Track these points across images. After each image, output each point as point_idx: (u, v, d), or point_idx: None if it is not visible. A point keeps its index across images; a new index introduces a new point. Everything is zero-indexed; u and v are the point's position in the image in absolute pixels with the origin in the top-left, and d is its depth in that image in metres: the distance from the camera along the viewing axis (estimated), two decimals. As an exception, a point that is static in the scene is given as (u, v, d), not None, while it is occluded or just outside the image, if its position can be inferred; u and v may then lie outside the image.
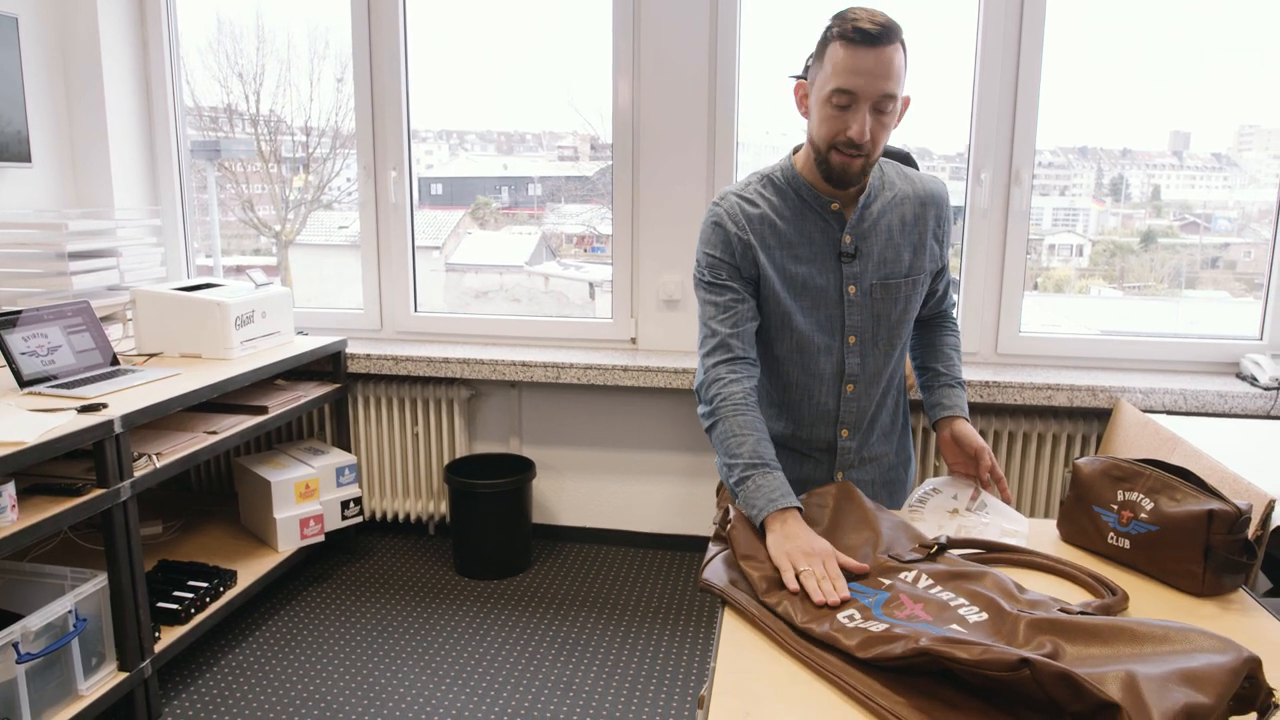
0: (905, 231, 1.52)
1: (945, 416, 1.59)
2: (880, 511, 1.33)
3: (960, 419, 1.57)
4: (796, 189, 1.50)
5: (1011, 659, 0.82)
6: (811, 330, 1.51)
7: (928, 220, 1.54)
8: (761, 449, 1.37)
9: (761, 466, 1.34)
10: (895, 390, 1.64)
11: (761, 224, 1.49)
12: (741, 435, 1.39)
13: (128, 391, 2.33)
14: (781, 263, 1.49)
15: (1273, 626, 1.13)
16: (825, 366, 1.53)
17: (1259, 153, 2.95)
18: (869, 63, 1.31)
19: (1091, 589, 1.19)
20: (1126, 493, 1.30)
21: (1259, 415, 2.67)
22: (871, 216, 1.50)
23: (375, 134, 3.27)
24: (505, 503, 3.09)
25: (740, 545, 1.23)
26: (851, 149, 1.37)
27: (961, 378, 1.66)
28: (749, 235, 1.48)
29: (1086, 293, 3.21)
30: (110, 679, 2.15)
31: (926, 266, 1.55)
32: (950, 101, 2.95)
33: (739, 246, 1.49)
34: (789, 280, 1.49)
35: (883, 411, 1.61)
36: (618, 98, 3.11)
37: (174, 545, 2.94)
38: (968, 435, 1.54)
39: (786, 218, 1.49)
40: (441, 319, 3.40)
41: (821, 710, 0.92)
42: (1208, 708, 0.81)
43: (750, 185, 1.53)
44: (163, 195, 3.44)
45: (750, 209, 1.50)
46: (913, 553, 1.23)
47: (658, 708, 2.38)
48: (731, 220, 1.49)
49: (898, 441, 1.68)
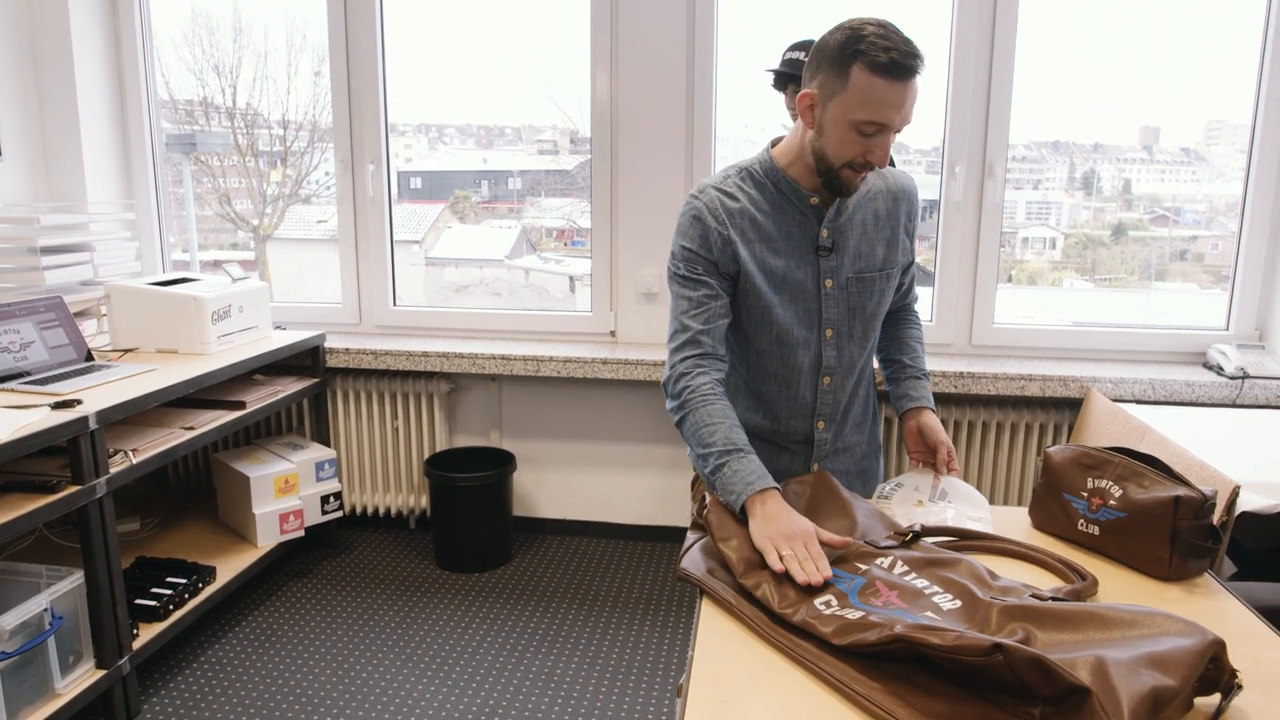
0: (879, 226, 1.54)
1: (912, 408, 1.64)
2: (856, 500, 1.35)
3: (927, 410, 1.63)
4: (776, 183, 1.50)
5: (985, 645, 0.84)
6: (791, 323, 1.52)
7: (899, 215, 1.56)
8: (734, 435, 1.37)
9: (735, 452, 1.34)
10: (866, 382, 1.67)
11: (742, 218, 1.49)
12: (713, 424, 1.39)
13: (103, 387, 2.31)
14: (761, 256, 1.50)
15: (1236, 609, 1.17)
16: (804, 359, 1.54)
17: (1226, 147, 3.01)
18: (903, 95, 1.31)
19: (1062, 574, 1.22)
20: (1096, 480, 1.33)
21: (1225, 404, 2.73)
22: (847, 211, 1.51)
23: (353, 127, 3.25)
24: (486, 496, 3.09)
25: (717, 529, 1.24)
26: (865, 168, 1.40)
27: (926, 369, 1.70)
28: (729, 230, 1.48)
29: (1059, 285, 3.26)
30: (88, 677, 2.14)
31: (899, 260, 1.58)
32: (925, 96, 2.97)
33: (719, 241, 1.48)
34: (768, 274, 1.50)
35: (855, 402, 1.64)
36: (596, 91, 3.11)
37: (152, 542, 2.91)
38: (932, 428, 1.59)
39: (766, 212, 1.50)
40: (421, 313, 3.39)
41: (798, 697, 0.94)
42: (1174, 690, 0.84)
43: (729, 179, 1.53)
44: (137, 189, 3.40)
45: (730, 203, 1.49)
46: (888, 540, 1.25)
47: (639, 697, 2.40)
48: (711, 215, 1.48)
49: (869, 431, 1.70)
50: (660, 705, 2.37)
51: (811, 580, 1.10)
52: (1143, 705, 0.81)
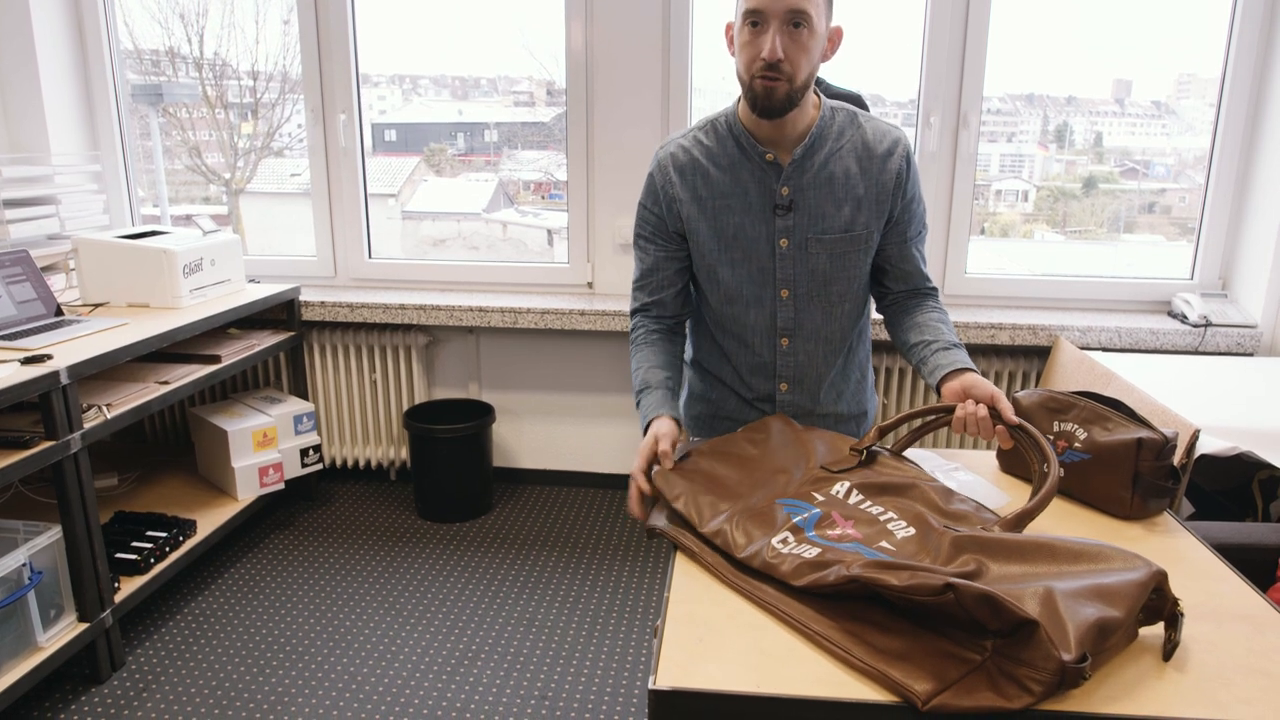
0: (849, 184, 1.44)
1: (951, 371, 1.38)
2: (815, 432, 1.36)
3: (969, 371, 1.37)
4: (736, 136, 1.45)
5: (937, 584, 0.88)
6: (740, 282, 1.48)
7: (878, 174, 1.44)
8: (648, 376, 1.49)
9: (644, 390, 1.47)
10: (847, 351, 1.57)
11: (694, 174, 1.46)
12: (635, 370, 1.53)
13: (73, 342, 2.29)
14: (713, 213, 1.46)
15: (1193, 546, 1.22)
16: (757, 319, 1.51)
17: (1196, 100, 3.03)
18: None
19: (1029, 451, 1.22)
20: (1062, 423, 1.37)
21: (1188, 351, 2.79)
22: (812, 167, 1.43)
23: (323, 75, 3.19)
24: (465, 447, 3.12)
25: (665, 489, 1.26)
26: (770, 71, 1.32)
27: (957, 341, 1.46)
28: (675, 188, 1.47)
29: (1031, 237, 3.29)
30: (70, 630, 2.16)
31: (872, 225, 1.46)
32: (902, 48, 2.97)
33: (664, 200, 1.49)
34: (719, 231, 1.47)
35: (830, 370, 1.55)
36: (571, 41, 3.07)
37: (131, 497, 2.92)
38: (979, 383, 1.32)
39: (723, 166, 1.46)
40: (397, 265, 3.38)
41: (767, 635, 0.98)
42: (1118, 620, 0.88)
43: (692, 132, 1.50)
44: (102, 141, 3.33)
45: (683, 158, 1.48)
46: (844, 462, 1.26)
47: (618, 639, 2.47)
48: (661, 171, 1.49)
49: (853, 404, 1.61)
50: (640, 646, 2.44)
51: (633, 500, 1.30)
52: (1088, 635, 0.85)
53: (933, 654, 0.89)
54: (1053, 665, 0.82)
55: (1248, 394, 2.28)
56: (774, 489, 1.23)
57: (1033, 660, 0.83)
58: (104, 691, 2.22)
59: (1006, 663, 0.85)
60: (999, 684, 0.85)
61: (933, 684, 0.85)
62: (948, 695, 0.84)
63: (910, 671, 0.87)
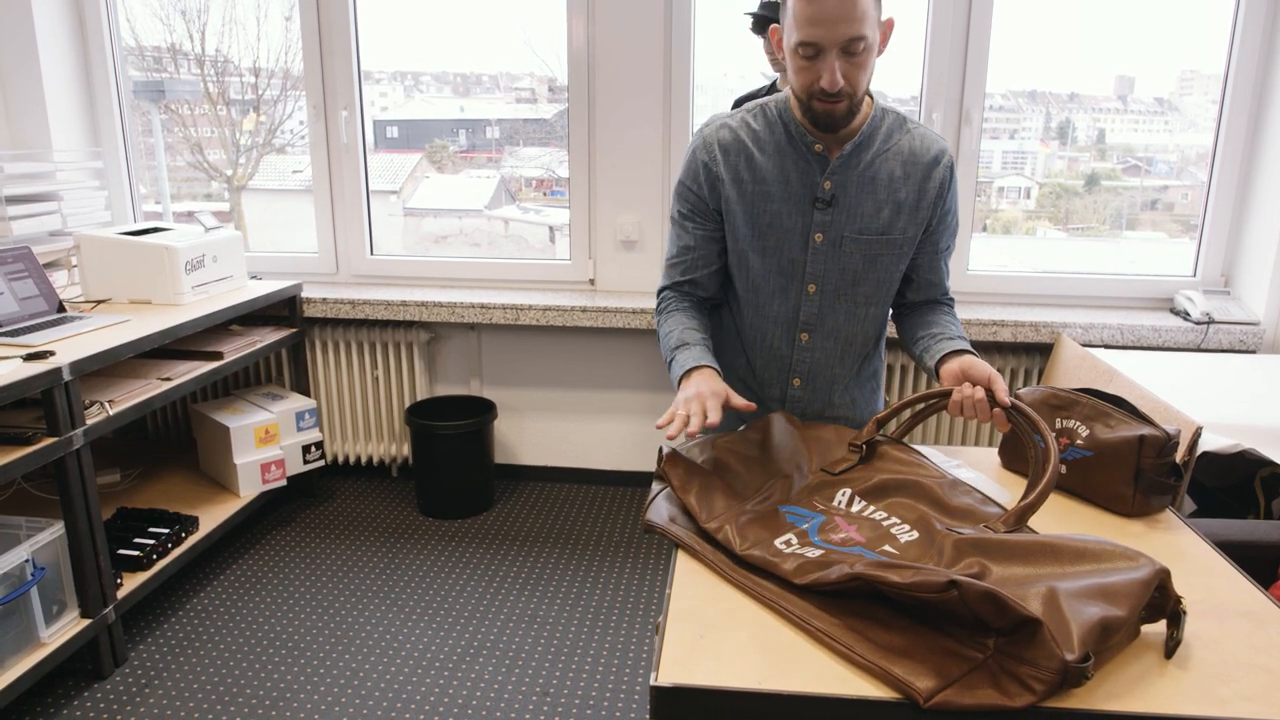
0: (892, 187, 1.42)
1: (950, 352, 1.40)
2: (815, 429, 1.36)
3: (967, 353, 1.38)
4: (786, 124, 1.43)
5: (940, 581, 0.87)
6: (768, 272, 1.48)
7: (922, 182, 1.43)
8: (685, 335, 1.45)
9: (681, 347, 1.43)
10: (865, 353, 1.57)
11: (738, 156, 1.44)
12: (668, 331, 1.48)
13: (76, 339, 2.29)
14: (751, 199, 1.44)
15: (1195, 543, 1.22)
16: (780, 310, 1.50)
17: (1198, 97, 3.02)
18: (828, 9, 1.25)
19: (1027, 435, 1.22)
20: (1064, 420, 1.37)
21: (1190, 348, 2.79)
22: (858, 166, 1.42)
23: (324, 71, 3.19)
24: (467, 443, 3.12)
25: (679, 483, 1.25)
26: (829, 97, 1.31)
27: (962, 334, 1.47)
28: (719, 167, 1.45)
29: (1033, 234, 3.29)
30: (73, 626, 2.16)
31: (909, 231, 1.45)
32: (905, 44, 2.96)
33: (706, 178, 1.46)
34: (755, 218, 1.45)
35: (844, 371, 1.55)
36: (572, 37, 3.06)
37: (133, 493, 2.92)
38: (976, 363, 1.34)
39: (768, 151, 1.44)
40: (398, 262, 3.38)
41: (769, 632, 0.98)
42: (1121, 619, 0.88)
43: (740, 113, 1.48)
44: (104, 137, 3.32)
45: (729, 138, 1.45)
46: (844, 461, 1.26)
47: (619, 636, 2.47)
48: (705, 148, 1.47)
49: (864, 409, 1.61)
50: (641, 643, 2.44)
51: (688, 429, 1.20)
52: (1091, 634, 0.85)
53: (935, 651, 0.89)
54: (1055, 664, 0.82)
55: (1250, 391, 2.28)
56: (776, 495, 1.23)
57: (1035, 659, 0.83)
58: (106, 687, 2.23)
59: (1009, 661, 0.85)
60: (1001, 682, 0.85)
61: (935, 681, 0.85)
62: (950, 692, 0.84)
63: (912, 668, 0.87)
